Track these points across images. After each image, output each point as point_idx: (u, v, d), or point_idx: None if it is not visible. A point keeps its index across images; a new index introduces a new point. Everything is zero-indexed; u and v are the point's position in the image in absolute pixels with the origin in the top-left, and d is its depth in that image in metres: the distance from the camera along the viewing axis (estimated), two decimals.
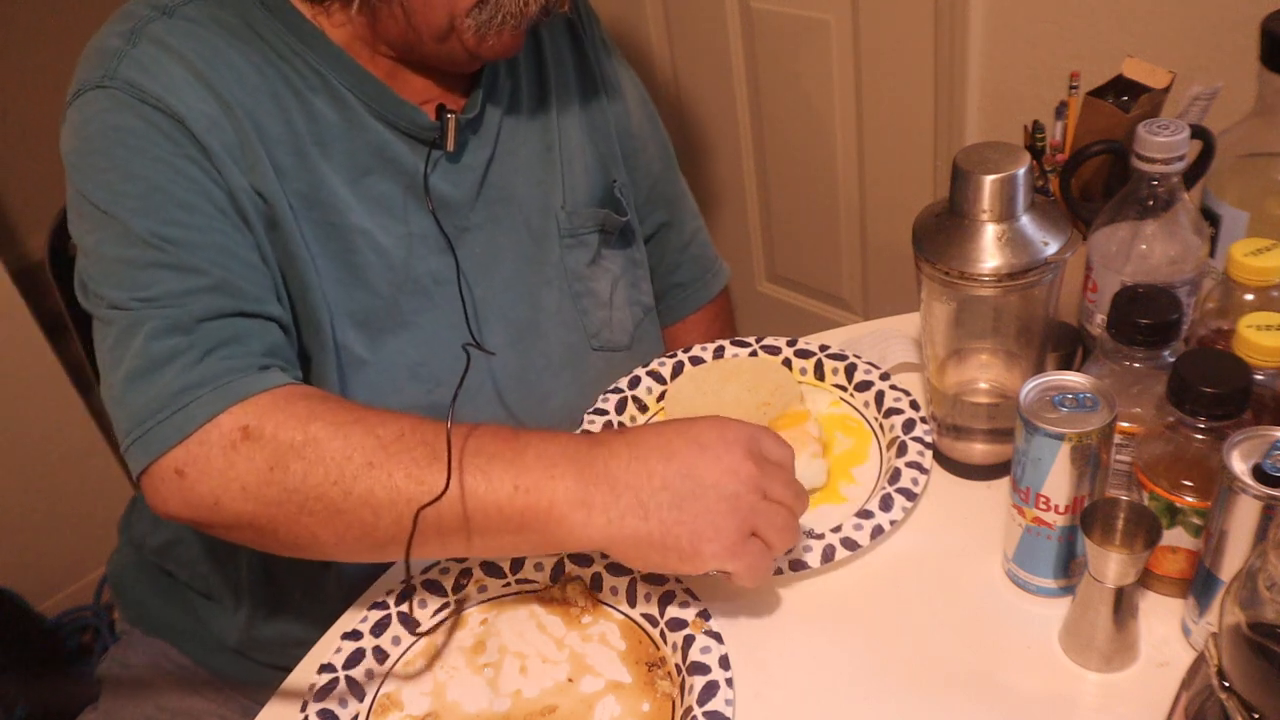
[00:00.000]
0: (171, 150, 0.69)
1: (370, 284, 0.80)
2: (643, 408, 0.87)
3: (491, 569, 0.72)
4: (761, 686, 0.64)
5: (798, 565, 0.69)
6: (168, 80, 0.70)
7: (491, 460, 0.62)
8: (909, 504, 0.72)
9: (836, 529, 0.70)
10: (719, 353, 0.89)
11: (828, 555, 0.69)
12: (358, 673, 0.67)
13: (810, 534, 0.71)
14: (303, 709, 0.65)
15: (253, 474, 0.62)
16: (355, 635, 0.69)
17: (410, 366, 0.83)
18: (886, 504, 0.71)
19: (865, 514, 0.71)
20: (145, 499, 0.66)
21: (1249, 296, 0.64)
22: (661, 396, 0.87)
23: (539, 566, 0.72)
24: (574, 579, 0.71)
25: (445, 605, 0.71)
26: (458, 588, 0.72)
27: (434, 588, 0.71)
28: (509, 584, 0.72)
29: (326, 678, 0.66)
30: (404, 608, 0.70)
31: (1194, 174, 0.73)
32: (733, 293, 1.16)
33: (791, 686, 0.64)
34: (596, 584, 0.71)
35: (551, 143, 0.90)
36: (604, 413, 0.84)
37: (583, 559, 0.71)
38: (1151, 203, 0.67)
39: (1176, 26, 1.19)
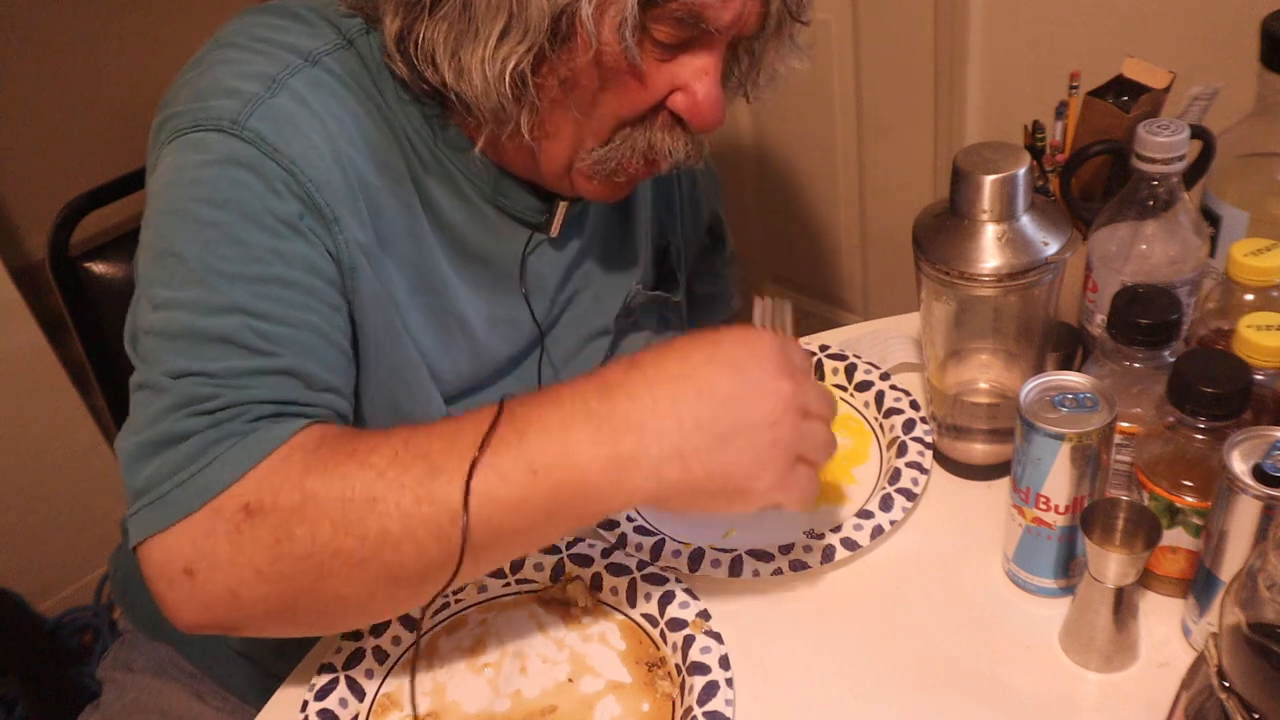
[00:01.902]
0: (287, 214, 0.64)
1: (457, 366, 0.79)
2: None
3: None
4: (761, 686, 0.64)
5: (798, 565, 0.69)
6: (302, 142, 0.65)
7: (497, 452, 0.56)
8: (909, 504, 0.72)
9: (836, 529, 0.70)
10: None
11: (828, 555, 0.69)
12: (358, 673, 0.67)
13: (810, 534, 0.71)
14: (303, 709, 0.65)
15: (261, 553, 0.56)
16: (355, 635, 0.69)
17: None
18: (886, 504, 0.71)
19: (865, 514, 0.71)
20: (161, 607, 0.59)
21: (1249, 296, 0.64)
22: None
23: (539, 567, 0.72)
24: (574, 579, 0.71)
25: (445, 605, 0.71)
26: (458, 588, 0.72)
27: None
28: (509, 584, 0.72)
29: (326, 678, 0.66)
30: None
31: (1194, 174, 0.73)
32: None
33: (791, 686, 0.64)
34: (596, 584, 0.71)
35: (632, 223, 0.90)
36: None
37: (583, 559, 0.71)
38: (1151, 203, 0.67)
39: (1176, 26, 1.19)
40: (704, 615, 0.66)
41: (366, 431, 0.61)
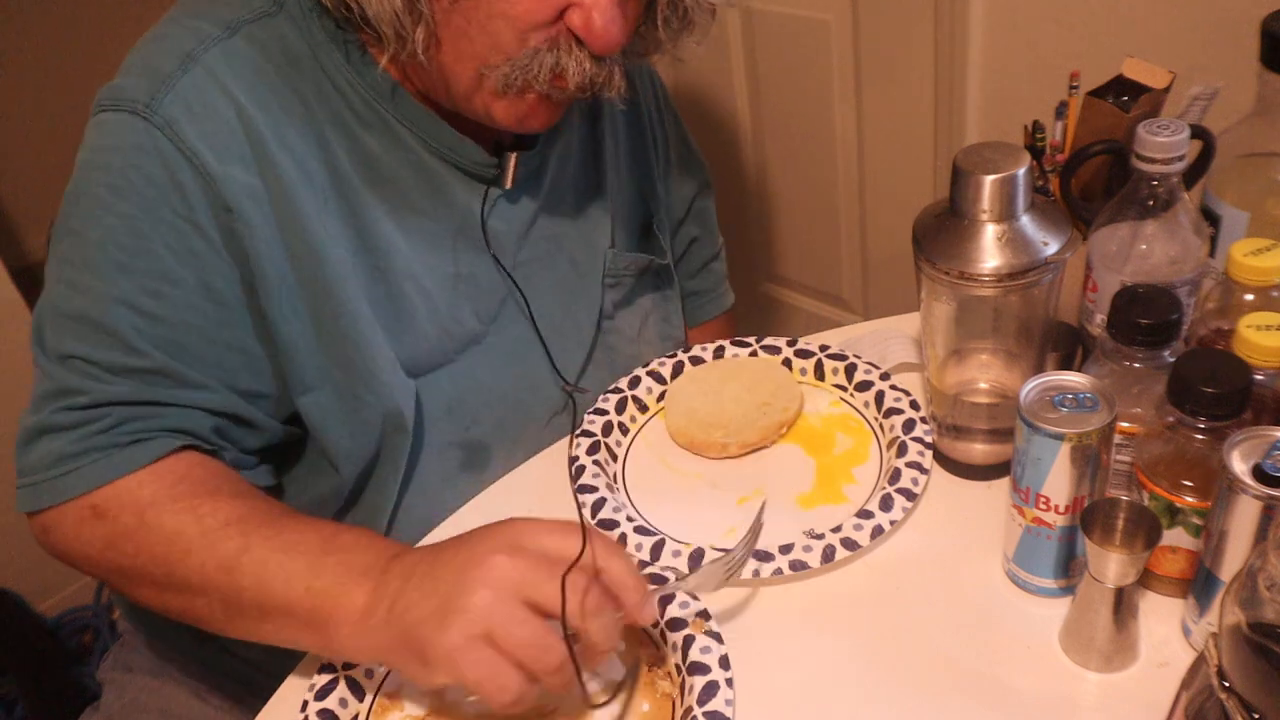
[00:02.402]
0: (185, 213, 0.67)
1: (418, 328, 0.78)
2: (643, 408, 0.87)
3: None
4: (761, 686, 0.64)
5: (798, 565, 0.69)
6: (211, 125, 0.67)
7: (296, 558, 0.62)
8: (909, 504, 0.72)
9: (836, 529, 0.70)
10: (719, 353, 0.90)
11: (828, 555, 0.69)
12: (358, 673, 0.67)
13: (810, 534, 0.71)
14: (303, 709, 0.65)
15: (93, 547, 0.67)
16: None
17: (447, 404, 0.81)
18: (886, 504, 0.71)
19: (865, 514, 0.71)
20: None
21: (1249, 296, 0.64)
22: (661, 396, 0.87)
23: None
24: None
25: None
26: None
27: None
28: None
29: (326, 678, 0.66)
30: None
31: (1194, 174, 0.73)
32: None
33: (791, 686, 0.64)
34: None
35: (601, 179, 0.89)
36: (604, 413, 0.84)
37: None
38: (1151, 203, 0.67)
39: (1176, 26, 1.19)
40: (704, 615, 0.66)
41: (227, 483, 0.69)
